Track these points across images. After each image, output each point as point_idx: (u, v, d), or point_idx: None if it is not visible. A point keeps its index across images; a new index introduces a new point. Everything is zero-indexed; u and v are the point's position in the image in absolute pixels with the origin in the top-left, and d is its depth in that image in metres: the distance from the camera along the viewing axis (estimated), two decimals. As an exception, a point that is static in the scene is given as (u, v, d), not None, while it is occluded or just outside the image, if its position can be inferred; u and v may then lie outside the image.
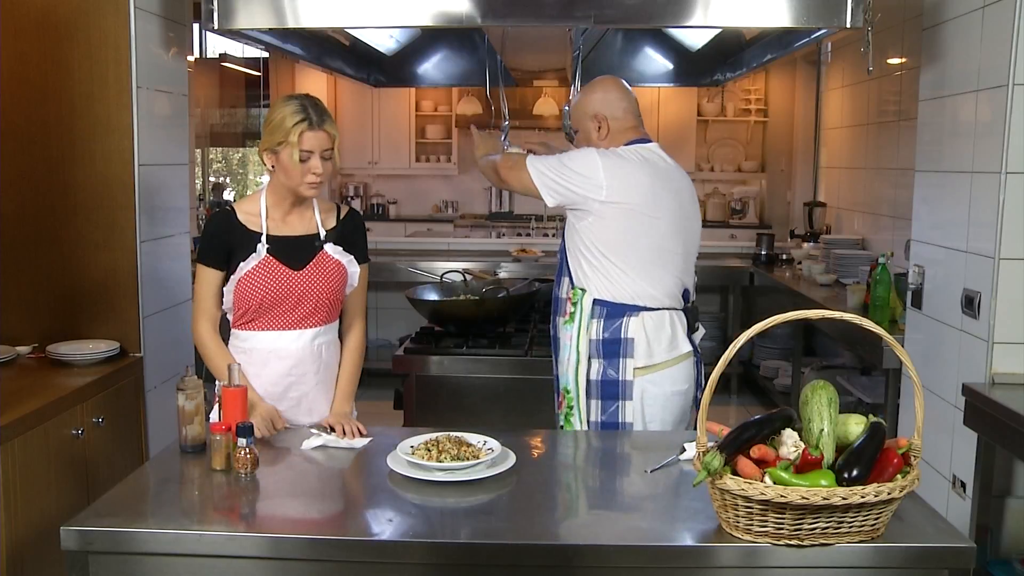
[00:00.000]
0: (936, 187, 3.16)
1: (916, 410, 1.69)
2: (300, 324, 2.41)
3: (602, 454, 2.32)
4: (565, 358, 2.71)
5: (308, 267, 2.39)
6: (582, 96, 2.82)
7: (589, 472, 2.23)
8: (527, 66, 5.01)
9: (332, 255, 2.43)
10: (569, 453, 2.34)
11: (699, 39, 3.96)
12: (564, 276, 2.74)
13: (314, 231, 2.43)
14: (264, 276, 2.35)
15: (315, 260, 2.40)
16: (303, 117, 2.26)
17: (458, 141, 8.47)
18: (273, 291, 2.36)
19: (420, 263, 5.28)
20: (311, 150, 2.28)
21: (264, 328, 2.40)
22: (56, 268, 3.05)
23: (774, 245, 6.09)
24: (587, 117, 2.77)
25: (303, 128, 2.25)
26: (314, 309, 2.41)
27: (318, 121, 2.28)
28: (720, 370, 1.64)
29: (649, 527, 1.86)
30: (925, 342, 3.20)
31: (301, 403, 2.45)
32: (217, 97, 6.63)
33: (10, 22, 2.95)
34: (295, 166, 2.28)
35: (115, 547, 1.73)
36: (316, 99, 2.35)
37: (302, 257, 2.39)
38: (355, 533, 1.78)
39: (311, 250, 2.41)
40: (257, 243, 2.37)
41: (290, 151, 2.26)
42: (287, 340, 2.40)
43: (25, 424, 2.42)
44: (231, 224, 2.39)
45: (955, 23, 3.01)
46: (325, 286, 2.40)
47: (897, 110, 4.90)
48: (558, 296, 2.78)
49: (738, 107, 8.21)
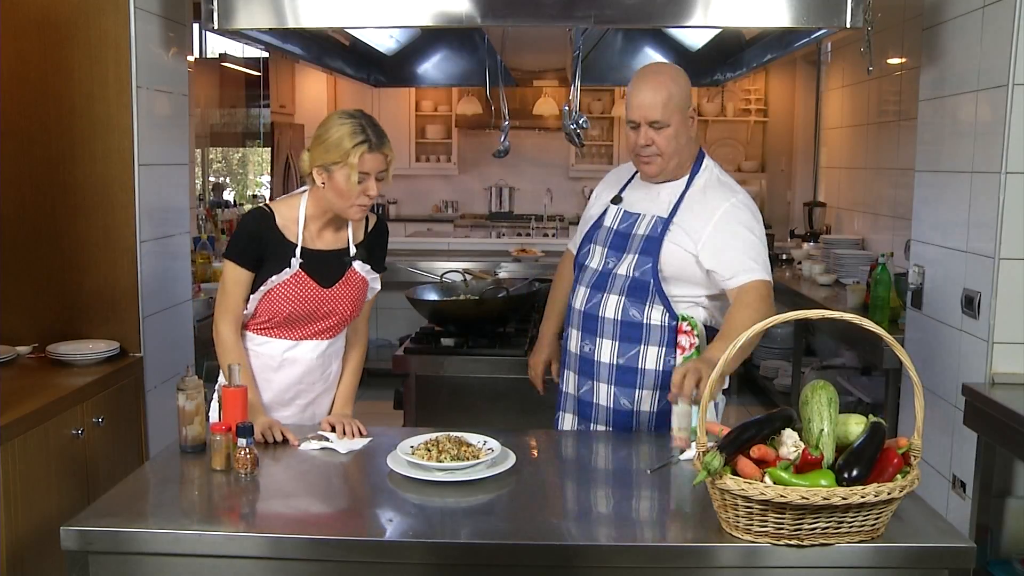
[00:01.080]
0: (936, 187, 3.16)
1: (916, 410, 1.69)
2: (318, 336, 2.42)
3: (602, 454, 2.31)
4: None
5: (337, 285, 2.37)
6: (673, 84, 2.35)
7: (589, 472, 2.23)
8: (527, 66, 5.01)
9: (359, 272, 2.42)
10: (569, 453, 2.34)
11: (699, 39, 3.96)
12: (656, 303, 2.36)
13: (344, 245, 2.41)
14: (295, 291, 2.33)
15: (344, 278, 2.38)
16: (364, 139, 2.20)
17: (458, 141, 8.48)
18: (302, 307, 2.34)
19: (420, 263, 5.28)
20: (368, 172, 2.22)
21: (282, 336, 2.40)
22: (56, 268, 3.05)
23: (774, 245, 6.09)
24: (687, 109, 2.37)
25: (363, 150, 2.19)
26: (337, 324, 2.42)
27: (377, 144, 2.22)
28: (719, 370, 1.64)
29: (649, 527, 1.86)
30: (925, 342, 3.20)
31: (307, 410, 2.48)
32: (217, 97, 6.63)
33: (10, 22, 2.95)
34: (352, 188, 2.22)
35: (115, 547, 1.72)
36: (372, 118, 2.27)
37: (332, 274, 2.37)
38: (355, 533, 1.78)
39: (340, 267, 2.39)
40: (291, 256, 2.32)
41: (347, 172, 2.20)
42: (303, 350, 2.41)
43: (25, 424, 2.42)
44: (271, 228, 2.33)
45: (955, 23, 3.01)
46: (350, 303, 2.41)
47: (897, 110, 4.90)
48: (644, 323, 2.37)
49: (738, 107, 8.20)
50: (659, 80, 2.35)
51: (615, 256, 2.44)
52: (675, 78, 2.37)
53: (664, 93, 2.32)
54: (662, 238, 2.37)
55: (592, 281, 2.46)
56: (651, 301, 2.37)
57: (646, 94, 2.34)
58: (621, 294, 2.39)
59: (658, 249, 2.36)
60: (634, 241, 2.42)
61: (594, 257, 2.50)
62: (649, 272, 2.36)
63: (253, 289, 2.35)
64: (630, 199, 2.52)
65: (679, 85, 2.36)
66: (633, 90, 2.37)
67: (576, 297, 2.50)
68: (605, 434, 2.38)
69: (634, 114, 2.36)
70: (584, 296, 2.47)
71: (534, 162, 8.32)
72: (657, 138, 2.35)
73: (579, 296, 2.48)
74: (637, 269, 2.38)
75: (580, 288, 2.50)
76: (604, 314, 2.40)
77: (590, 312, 2.43)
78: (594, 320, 2.42)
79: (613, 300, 2.40)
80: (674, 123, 2.34)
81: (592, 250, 2.51)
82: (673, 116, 2.34)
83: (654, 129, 2.34)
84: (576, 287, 2.52)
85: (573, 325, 2.50)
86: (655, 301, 2.37)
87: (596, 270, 2.47)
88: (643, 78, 2.38)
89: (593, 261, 2.49)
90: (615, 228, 2.48)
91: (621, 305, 2.39)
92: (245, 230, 2.36)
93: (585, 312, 2.45)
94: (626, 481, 2.12)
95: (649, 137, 2.35)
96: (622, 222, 2.48)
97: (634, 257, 2.40)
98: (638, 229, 2.43)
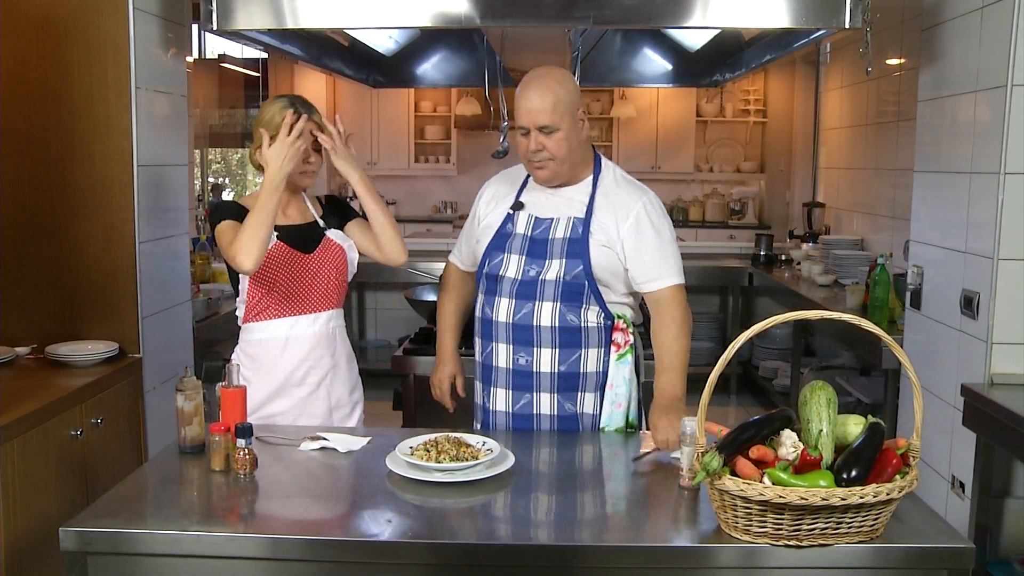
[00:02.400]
0: (935, 187, 3.17)
1: (915, 410, 1.69)
2: (314, 308, 2.51)
3: (601, 454, 2.31)
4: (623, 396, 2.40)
5: (317, 250, 2.52)
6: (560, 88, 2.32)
7: (589, 472, 2.23)
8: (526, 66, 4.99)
9: (334, 239, 2.56)
10: (569, 453, 2.34)
11: (698, 39, 3.97)
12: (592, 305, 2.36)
13: (312, 219, 2.57)
14: (278, 260, 2.46)
15: (322, 244, 2.54)
16: (293, 110, 2.41)
17: (457, 142, 8.47)
18: (287, 273, 2.47)
19: (420, 263, 5.28)
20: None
21: (279, 315, 2.48)
22: (56, 268, 3.05)
23: (773, 246, 6.10)
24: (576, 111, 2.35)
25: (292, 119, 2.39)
26: (325, 292, 2.52)
27: (306, 112, 2.43)
28: (719, 370, 1.64)
29: (649, 527, 1.86)
30: (924, 342, 3.20)
31: (320, 387, 2.53)
32: (216, 98, 6.63)
33: (10, 22, 2.95)
34: None
35: (114, 548, 1.73)
36: (301, 97, 2.50)
37: (310, 242, 2.52)
38: (355, 533, 1.78)
39: (316, 235, 2.54)
40: None
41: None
42: (303, 325, 2.50)
43: (24, 424, 2.42)
44: (241, 212, 2.45)
45: (954, 23, 3.01)
46: (332, 268, 2.53)
47: (896, 110, 4.90)
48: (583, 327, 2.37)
49: (737, 107, 8.21)
50: (545, 84, 2.31)
51: (537, 263, 2.37)
52: (561, 81, 2.33)
53: (551, 98, 2.28)
54: (587, 239, 2.35)
55: (515, 291, 2.37)
56: (587, 303, 2.35)
57: (533, 100, 2.29)
58: (555, 300, 2.34)
59: (586, 250, 2.34)
60: (555, 245, 2.37)
61: (510, 266, 2.39)
62: (582, 274, 2.34)
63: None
64: (533, 204, 2.44)
65: (566, 88, 2.33)
66: (520, 96, 2.32)
67: (497, 310, 2.39)
68: (604, 435, 2.38)
69: (523, 120, 2.31)
70: (509, 307, 2.37)
71: (533, 162, 8.30)
72: (548, 143, 2.31)
73: (501, 308, 2.38)
74: (568, 273, 2.34)
75: (500, 300, 2.38)
76: (539, 323, 2.34)
77: (521, 323, 2.35)
78: (528, 330, 2.35)
79: (548, 307, 2.34)
80: (564, 127, 2.30)
81: (506, 259, 2.40)
82: (563, 120, 2.30)
83: (544, 134, 2.30)
84: (491, 299, 2.40)
85: (498, 339, 2.39)
86: (591, 303, 2.35)
87: (516, 279, 2.37)
88: (529, 83, 2.33)
89: (510, 270, 2.39)
90: (529, 235, 2.40)
91: (557, 311, 2.34)
92: (223, 206, 2.53)
93: (515, 324, 2.36)
94: (625, 481, 2.12)
95: (540, 142, 2.31)
96: (535, 228, 2.41)
97: (561, 261, 2.35)
98: (555, 233, 2.38)
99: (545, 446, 2.35)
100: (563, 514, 1.93)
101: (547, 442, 2.38)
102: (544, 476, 2.15)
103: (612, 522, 1.88)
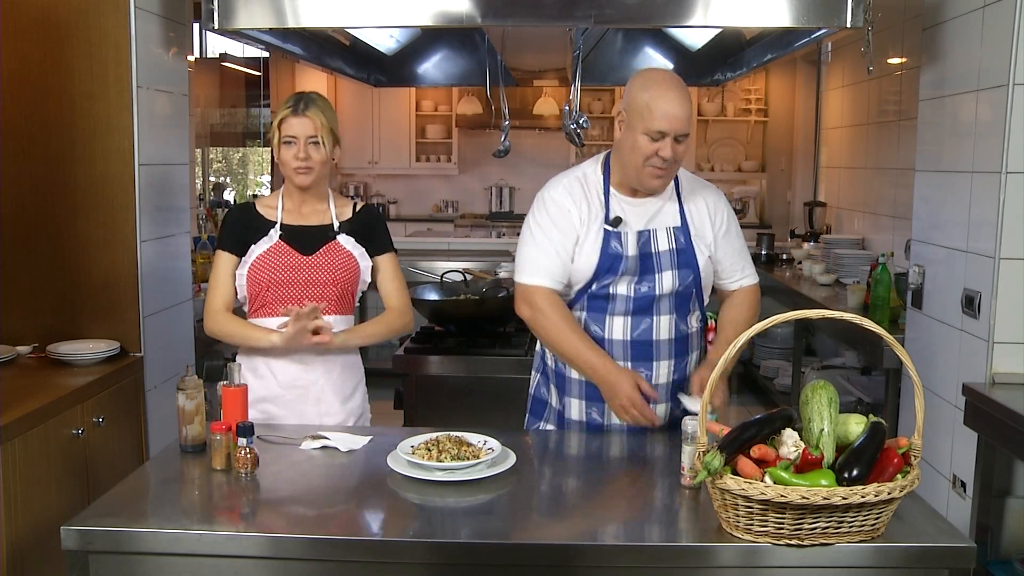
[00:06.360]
0: (936, 187, 3.16)
1: (916, 410, 1.69)
2: None
3: (602, 454, 2.31)
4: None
5: (318, 253, 2.50)
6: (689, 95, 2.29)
7: (589, 472, 2.23)
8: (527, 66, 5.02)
9: (344, 245, 2.53)
10: (569, 453, 2.34)
11: (699, 39, 3.96)
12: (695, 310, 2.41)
13: (328, 222, 2.55)
14: (274, 259, 2.47)
15: (326, 247, 2.51)
16: (288, 106, 2.44)
17: (458, 141, 8.48)
18: (280, 273, 2.46)
19: (420, 263, 5.28)
20: (294, 135, 2.43)
21: (274, 314, 2.48)
22: (56, 268, 3.05)
23: (774, 245, 6.10)
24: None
25: (285, 114, 2.43)
26: (321, 295, 2.49)
27: (303, 109, 2.43)
28: (720, 369, 1.64)
29: (649, 527, 1.86)
30: (925, 342, 3.20)
31: (309, 391, 2.51)
32: (217, 97, 6.64)
33: (10, 22, 2.95)
34: (285, 153, 2.44)
35: (115, 547, 1.73)
36: (313, 93, 2.51)
37: (313, 244, 2.50)
38: (355, 533, 1.78)
39: (324, 239, 2.52)
40: (271, 229, 2.50)
41: (276, 140, 2.45)
42: None
43: (25, 424, 2.42)
44: (250, 214, 2.53)
45: (955, 23, 3.01)
46: (333, 273, 2.50)
47: (897, 110, 4.90)
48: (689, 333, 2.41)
49: (738, 107, 8.20)
50: (684, 92, 2.24)
51: (647, 278, 2.34)
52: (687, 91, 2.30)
53: (689, 105, 2.24)
54: (691, 248, 2.37)
55: (629, 308, 2.34)
56: (692, 310, 2.41)
57: (676, 106, 2.20)
58: (672, 313, 2.37)
59: (694, 259, 2.37)
60: (662, 258, 2.35)
61: (620, 283, 2.34)
62: (692, 283, 2.38)
63: (239, 267, 2.49)
64: (629, 216, 2.36)
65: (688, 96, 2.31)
66: (659, 99, 2.20)
67: (610, 329, 2.36)
68: (604, 434, 2.38)
69: (662, 124, 2.19)
70: (625, 325, 2.35)
71: (534, 162, 8.31)
72: (680, 150, 2.25)
73: (616, 327, 2.35)
74: (681, 284, 2.36)
75: (613, 319, 2.35)
76: (658, 337, 2.36)
77: (640, 339, 2.35)
78: (648, 346, 2.35)
79: (665, 321, 2.37)
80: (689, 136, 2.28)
81: (616, 279, 2.34)
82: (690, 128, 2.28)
83: (678, 142, 2.23)
84: (601, 317, 2.36)
85: (616, 358, 2.35)
86: (695, 308, 2.42)
87: (628, 296, 2.34)
88: (670, 88, 2.23)
89: (620, 288, 2.34)
90: (637, 252, 2.34)
91: (672, 323, 2.38)
92: (226, 220, 2.59)
93: (634, 340, 2.35)
94: (626, 481, 2.12)
95: (677, 150, 2.23)
96: (640, 243, 2.35)
97: (674, 273, 2.35)
98: (659, 246, 2.35)
99: (546, 446, 2.35)
100: (564, 513, 1.92)
101: (548, 442, 2.38)
102: (545, 475, 2.15)
103: (613, 521, 1.88)
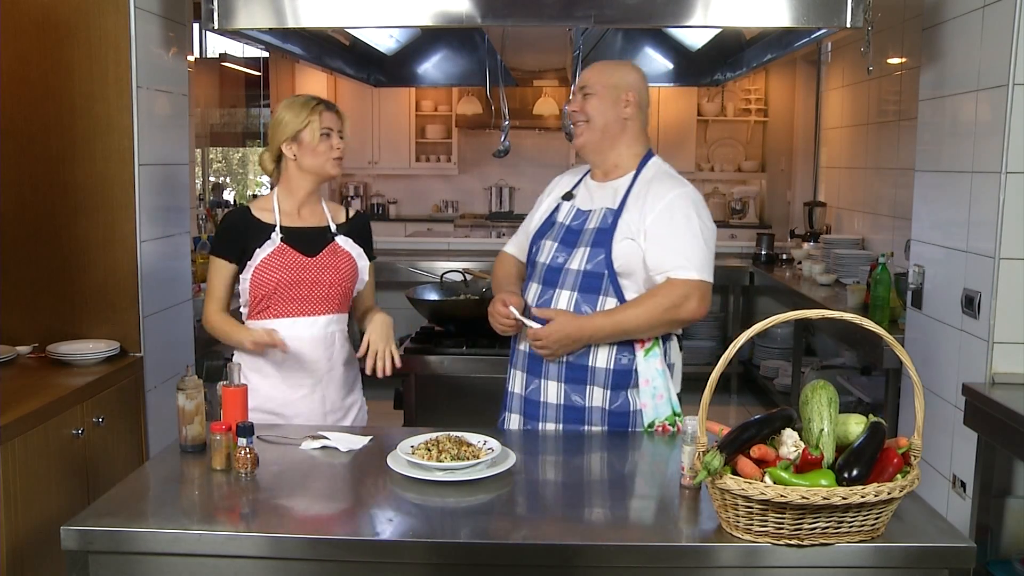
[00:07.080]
0: (936, 187, 3.17)
1: (916, 410, 1.69)
2: (313, 311, 2.51)
3: (602, 454, 2.31)
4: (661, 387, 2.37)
5: (321, 254, 2.52)
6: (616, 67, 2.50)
7: (589, 472, 2.23)
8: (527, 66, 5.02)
9: (343, 246, 2.56)
10: (569, 453, 2.34)
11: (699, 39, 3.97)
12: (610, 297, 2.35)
13: (325, 224, 2.58)
14: (279, 262, 2.48)
15: (328, 248, 2.54)
16: (319, 101, 2.50)
17: (458, 141, 8.48)
18: (287, 276, 2.48)
19: (420, 263, 5.28)
20: (331, 127, 2.50)
21: (278, 315, 2.50)
22: (56, 268, 3.05)
23: (774, 245, 6.09)
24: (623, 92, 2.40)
25: (323, 108, 2.49)
26: (326, 296, 2.51)
27: (330, 105, 2.52)
28: (720, 370, 1.64)
29: (649, 527, 1.86)
30: (925, 342, 3.20)
31: (315, 391, 2.53)
32: (217, 97, 6.63)
33: (10, 22, 2.95)
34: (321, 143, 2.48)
35: (115, 547, 1.73)
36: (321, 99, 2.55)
37: (315, 245, 2.53)
38: (355, 533, 1.78)
39: (324, 240, 2.55)
40: (272, 233, 2.50)
41: (313, 129, 2.46)
42: (301, 327, 2.50)
43: (25, 424, 2.42)
44: (246, 219, 2.53)
45: (955, 23, 3.01)
46: (336, 274, 2.53)
47: (897, 110, 4.90)
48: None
49: (738, 107, 8.21)
50: (607, 62, 2.53)
51: (565, 251, 2.40)
52: (621, 65, 2.53)
53: (601, 68, 2.46)
54: (613, 229, 2.34)
55: (542, 276, 2.42)
56: (604, 294, 2.33)
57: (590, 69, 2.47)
58: (573, 290, 2.35)
59: (610, 240, 2.33)
60: (584, 235, 2.39)
61: (543, 252, 2.45)
62: (603, 264, 2.33)
63: (243, 271, 2.49)
64: (582, 196, 2.51)
65: (622, 70, 2.48)
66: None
67: (527, 293, 2.46)
68: (604, 434, 2.38)
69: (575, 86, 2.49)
70: (536, 292, 2.42)
71: (534, 162, 8.31)
72: (585, 105, 2.42)
73: (531, 292, 2.44)
74: (589, 262, 2.34)
75: (532, 284, 2.46)
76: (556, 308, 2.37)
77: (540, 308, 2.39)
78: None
79: (565, 296, 2.36)
80: (602, 96, 2.41)
81: (542, 245, 2.47)
82: (604, 90, 2.41)
83: (583, 94, 2.43)
84: (528, 283, 2.49)
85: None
86: (608, 294, 2.33)
87: (545, 264, 2.42)
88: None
89: (542, 255, 2.45)
90: (567, 224, 2.46)
91: (573, 301, 2.34)
92: (221, 226, 2.62)
93: (536, 308, 2.40)
94: (626, 481, 2.13)
95: (578, 102, 2.43)
96: (575, 219, 2.46)
97: (585, 250, 2.36)
98: (589, 223, 2.41)
99: (546, 445, 2.35)
100: (564, 513, 1.92)
101: (548, 441, 2.38)
102: (545, 475, 2.15)
103: (613, 521, 1.88)
